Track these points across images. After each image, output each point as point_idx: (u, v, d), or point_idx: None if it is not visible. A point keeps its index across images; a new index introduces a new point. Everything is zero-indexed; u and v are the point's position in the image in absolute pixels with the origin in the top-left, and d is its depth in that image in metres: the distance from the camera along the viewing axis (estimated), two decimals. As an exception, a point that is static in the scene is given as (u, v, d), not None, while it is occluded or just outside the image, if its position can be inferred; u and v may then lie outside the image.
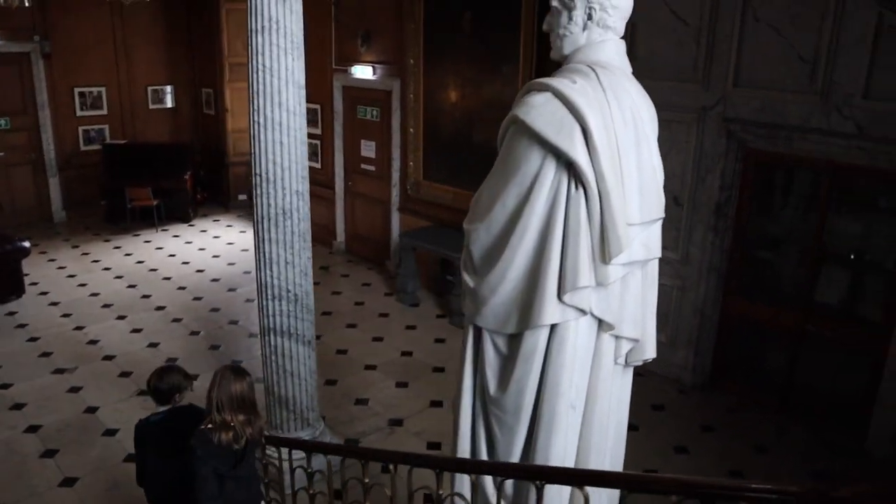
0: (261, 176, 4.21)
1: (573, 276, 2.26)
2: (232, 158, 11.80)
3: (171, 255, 9.63)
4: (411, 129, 8.32)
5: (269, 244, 4.34)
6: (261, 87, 4.05)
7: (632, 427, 2.84)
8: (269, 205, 4.25)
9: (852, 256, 5.74)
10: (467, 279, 2.48)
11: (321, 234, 10.06)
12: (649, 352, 2.53)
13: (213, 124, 11.96)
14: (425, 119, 8.18)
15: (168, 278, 8.75)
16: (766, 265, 6.26)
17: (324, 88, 9.39)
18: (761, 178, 5.89)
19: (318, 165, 9.86)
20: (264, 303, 4.50)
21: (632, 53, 2.62)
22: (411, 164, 8.43)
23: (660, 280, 7.29)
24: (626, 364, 2.55)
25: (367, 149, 9.13)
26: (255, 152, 4.20)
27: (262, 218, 4.29)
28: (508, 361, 2.44)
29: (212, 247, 10.01)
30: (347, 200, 9.73)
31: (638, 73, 2.50)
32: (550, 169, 2.26)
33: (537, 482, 2.13)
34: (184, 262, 9.33)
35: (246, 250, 9.84)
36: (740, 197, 5.87)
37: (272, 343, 4.58)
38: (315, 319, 4.81)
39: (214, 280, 8.74)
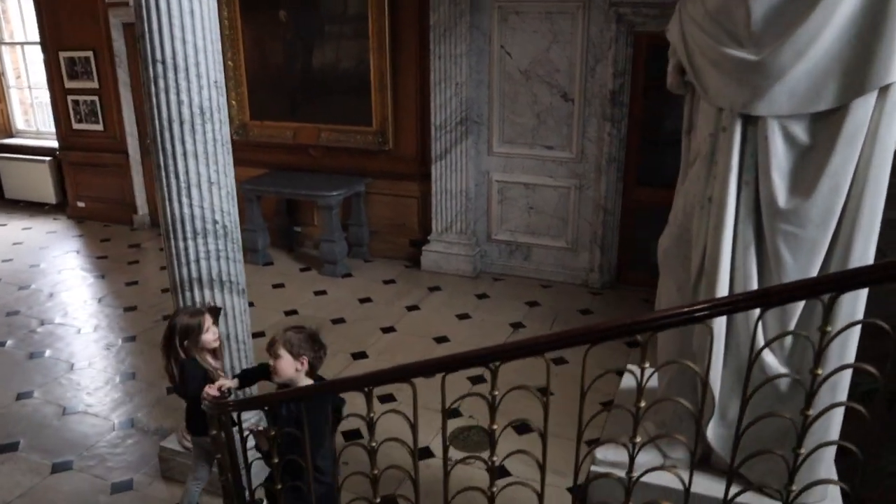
0: (164, 63, 3.00)
1: None
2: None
3: None
4: (230, 63, 7.03)
5: (184, 159, 3.15)
6: (153, -70, 2.85)
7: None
8: (179, 102, 3.05)
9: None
10: (742, 55, 1.80)
11: (116, 211, 8.33)
12: None
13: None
14: (247, 48, 6.96)
15: (-78, 289, 6.54)
16: (667, 149, 6.22)
17: (95, 29, 7.62)
18: (654, 62, 5.79)
19: (101, 127, 8.06)
20: (180, 245, 3.29)
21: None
22: (234, 103, 7.14)
23: (555, 183, 6.84)
24: None
25: (168, 96, 7.57)
26: (148, 29, 2.98)
27: (171, 123, 3.08)
28: (815, 153, 1.82)
29: (-34, 246, 7.74)
30: (147, 164, 8.08)
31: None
32: None
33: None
34: (-64, 268, 7.07)
35: (19, 243, 7.78)
36: (633, 84, 5.74)
37: (197, 301, 3.40)
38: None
39: (-7, 281, 6.73)
